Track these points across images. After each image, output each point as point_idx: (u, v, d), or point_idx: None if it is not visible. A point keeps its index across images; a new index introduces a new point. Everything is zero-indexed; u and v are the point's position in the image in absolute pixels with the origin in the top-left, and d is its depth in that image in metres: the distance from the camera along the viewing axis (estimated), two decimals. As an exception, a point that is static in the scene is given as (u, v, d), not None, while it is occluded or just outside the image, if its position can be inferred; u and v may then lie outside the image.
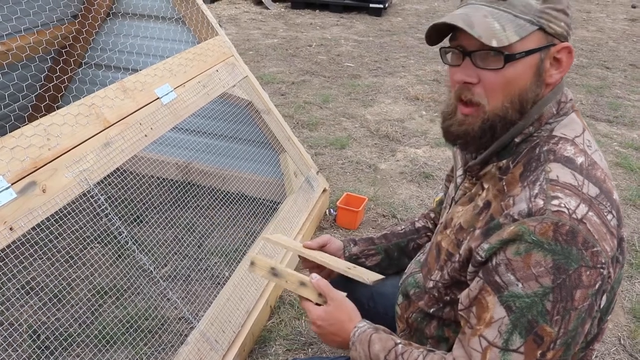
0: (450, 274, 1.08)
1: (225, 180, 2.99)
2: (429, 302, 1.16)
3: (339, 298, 1.18)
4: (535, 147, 0.98)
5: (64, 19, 2.70)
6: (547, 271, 0.87)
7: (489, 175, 1.04)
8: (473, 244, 0.98)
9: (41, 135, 1.40)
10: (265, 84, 4.85)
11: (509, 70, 0.94)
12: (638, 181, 3.32)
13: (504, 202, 0.95)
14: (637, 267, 2.52)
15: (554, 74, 0.97)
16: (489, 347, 0.93)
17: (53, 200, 1.37)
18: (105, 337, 2.06)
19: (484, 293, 0.95)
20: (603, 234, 0.88)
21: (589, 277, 0.87)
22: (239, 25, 7.07)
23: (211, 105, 2.52)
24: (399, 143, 3.76)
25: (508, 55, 0.93)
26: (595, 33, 7.24)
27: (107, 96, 1.64)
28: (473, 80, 0.97)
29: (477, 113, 0.99)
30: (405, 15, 8.04)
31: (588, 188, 0.91)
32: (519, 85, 0.95)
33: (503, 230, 0.92)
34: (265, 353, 2.01)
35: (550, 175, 0.92)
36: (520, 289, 0.89)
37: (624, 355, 2.05)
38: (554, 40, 0.95)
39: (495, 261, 0.93)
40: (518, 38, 0.92)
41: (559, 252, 0.86)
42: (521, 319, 0.89)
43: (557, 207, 0.88)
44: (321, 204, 2.75)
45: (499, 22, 0.92)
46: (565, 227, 0.86)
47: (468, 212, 1.05)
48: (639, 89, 5.06)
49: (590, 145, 0.99)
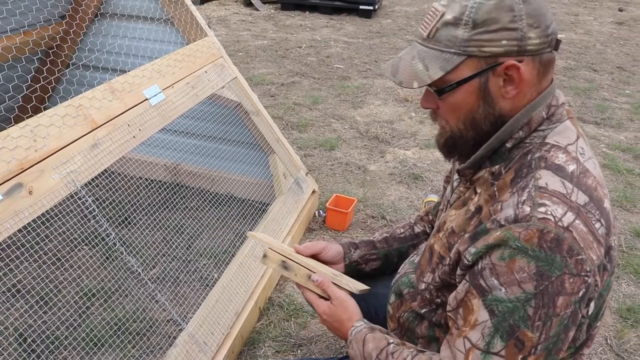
0: (441, 277, 1.09)
1: (214, 182, 2.98)
2: (421, 303, 1.18)
3: (340, 297, 1.24)
4: (527, 154, 0.99)
5: (51, 20, 2.68)
6: (530, 277, 0.88)
7: (481, 180, 1.05)
8: (461, 248, 1.00)
9: (28, 137, 1.39)
10: (255, 85, 4.84)
11: (450, 99, 1.01)
12: (625, 182, 3.35)
13: (493, 207, 0.96)
14: (624, 267, 2.54)
15: (510, 90, 0.97)
16: (472, 348, 0.94)
17: (40, 202, 1.36)
18: (93, 340, 2.04)
19: (469, 296, 0.96)
20: (589, 242, 0.89)
21: (572, 285, 0.88)
22: (228, 27, 7.05)
23: (200, 107, 2.51)
24: (389, 144, 3.77)
25: (437, 90, 1.00)
26: (583, 36, 7.30)
27: (95, 97, 1.63)
28: (432, 106, 1.07)
29: (444, 130, 1.07)
30: (395, 17, 8.06)
31: (577, 196, 0.92)
32: (466, 109, 1.00)
33: (489, 235, 0.93)
34: (255, 355, 2.00)
35: (539, 183, 0.93)
36: (503, 294, 0.90)
37: (611, 355, 2.07)
38: (499, 60, 0.95)
39: (480, 265, 0.94)
40: (443, 73, 0.97)
41: (542, 258, 0.87)
42: (503, 323, 0.91)
43: (544, 214, 0.89)
44: (310, 205, 2.75)
45: (424, 62, 0.98)
46: (550, 235, 0.87)
47: (460, 216, 1.07)
48: (626, 91, 5.11)
49: (584, 152, 1.00)
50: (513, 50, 0.94)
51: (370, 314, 1.49)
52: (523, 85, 0.97)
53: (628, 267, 2.54)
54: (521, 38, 0.93)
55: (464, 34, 0.94)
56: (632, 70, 5.77)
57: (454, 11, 0.95)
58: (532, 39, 0.94)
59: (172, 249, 2.57)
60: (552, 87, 1.01)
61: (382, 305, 1.35)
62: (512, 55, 0.94)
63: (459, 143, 1.05)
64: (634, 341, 2.13)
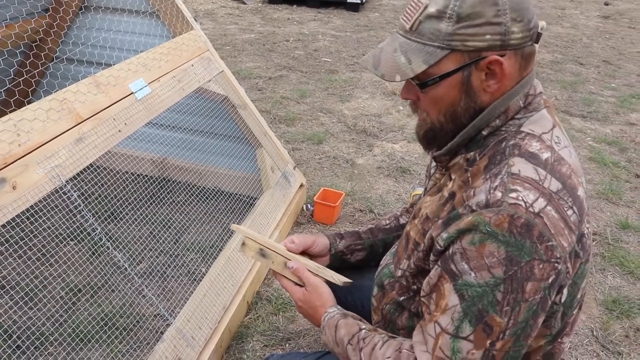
0: (415, 263, 1.10)
1: (202, 176, 2.97)
2: (399, 290, 1.18)
3: (314, 283, 1.26)
4: (502, 141, 0.99)
5: (34, 13, 2.64)
6: (500, 262, 0.88)
7: (456, 167, 1.06)
8: (434, 233, 1.00)
9: (11, 131, 1.37)
10: (242, 79, 4.82)
11: (432, 92, 1.00)
12: (611, 175, 3.38)
13: (466, 193, 0.97)
14: (609, 259, 2.56)
15: (492, 84, 0.97)
16: (442, 333, 0.95)
17: (24, 197, 1.34)
18: (79, 336, 2.03)
19: (442, 280, 0.97)
20: (560, 229, 0.89)
21: (542, 271, 0.88)
22: (215, 20, 7.01)
23: (186, 100, 2.50)
24: (376, 138, 3.77)
25: (420, 83, 1.00)
26: (569, 29, 7.34)
27: (80, 91, 1.61)
28: (413, 98, 1.06)
29: (425, 122, 1.07)
30: (382, 10, 8.05)
31: (550, 183, 0.92)
32: (447, 102, 1.00)
33: (461, 220, 0.94)
34: (243, 349, 2.00)
35: (512, 169, 0.93)
36: (472, 278, 0.91)
37: (597, 347, 2.09)
38: (482, 54, 0.94)
39: (452, 250, 0.95)
40: (426, 67, 0.96)
41: (512, 244, 0.88)
42: (472, 308, 0.91)
43: (515, 199, 0.89)
44: (298, 199, 2.75)
45: (406, 55, 0.97)
46: (520, 220, 0.88)
47: (435, 202, 1.08)
48: (612, 84, 5.15)
49: (559, 141, 1.00)
50: (496, 45, 0.93)
51: (357, 307, 1.49)
52: (505, 79, 0.97)
53: (614, 259, 2.56)
54: (505, 32, 0.93)
55: (447, 27, 0.93)
56: (618, 64, 5.82)
57: (438, 4, 0.94)
58: (515, 33, 0.93)
59: (159, 244, 2.56)
60: (530, 77, 1.01)
61: (367, 298, 1.35)
62: (495, 50, 0.94)
63: (439, 135, 1.05)
64: (619, 332, 2.15)
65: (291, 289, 1.30)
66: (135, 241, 2.56)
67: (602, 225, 2.85)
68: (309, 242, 1.43)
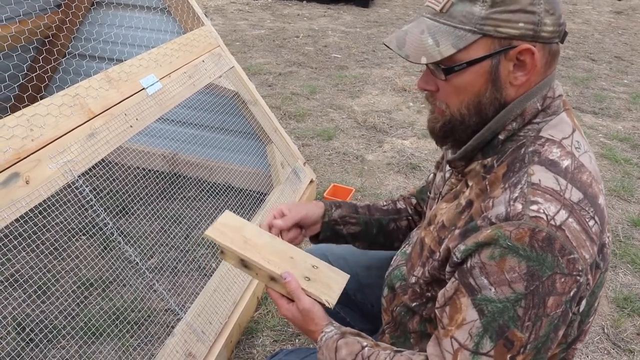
0: (430, 272, 1.06)
1: (212, 172, 2.98)
2: (412, 296, 1.15)
3: (306, 308, 1.13)
4: (520, 147, 0.96)
5: (46, 9, 2.66)
6: (521, 277, 0.86)
7: (473, 173, 1.02)
8: (451, 244, 0.97)
9: (24, 126, 1.38)
10: (252, 75, 4.83)
11: (456, 80, 0.95)
12: (622, 172, 3.36)
13: (484, 203, 0.93)
14: (621, 257, 2.55)
15: (519, 76, 0.94)
16: (460, 349, 0.92)
17: (37, 191, 1.35)
18: (91, 329, 2.05)
19: (458, 294, 0.94)
20: (582, 241, 0.87)
21: (564, 285, 0.86)
22: (225, 16, 7.02)
23: (197, 96, 2.50)
24: (386, 134, 3.77)
25: (446, 68, 0.94)
26: (581, 25, 7.28)
27: (92, 86, 1.62)
28: (432, 88, 1.01)
29: (442, 115, 1.01)
30: (392, 6, 8.03)
31: (571, 193, 0.89)
32: (472, 92, 0.96)
33: (480, 232, 0.90)
34: (253, 344, 2.01)
35: (532, 179, 0.90)
36: (493, 294, 0.88)
37: (608, 344, 2.08)
38: (513, 43, 0.91)
39: (470, 263, 0.92)
40: (455, 50, 0.91)
41: (533, 258, 0.85)
42: (492, 324, 0.89)
43: (536, 212, 0.86)
44: (308, 195, 2.75)
45: (434, 37, 0.92)
46: (542, 234, 0.85)
47: (451, 210, 1.04)
48: (624, 81, 5.10)
49: (580, 146, 0.97)
50: (528, 35, 0.90)
51: (366, 306, 1.48)
52: (533, 72, 0.93)
53: (625, 257, 2.55)
54: (538, 22, 0.90)
55: (481, 11, 0.90)
56: (631, 60, 5.77)
57: None
58: (547, 26, 0.91)
59: (170, 239, 2.57)
60: (549, 79, 0.98)
61: (377, 298, 1.32)
62: (527, 40, 0.91)
63: (459, 129, 1.01)
64: (631, 330, 2.14)
65: (277, 302, 1.17)
66: (146, 236, 2.58)
67: (614, 222, 2.83)
68: (301, 215, 1.34)
